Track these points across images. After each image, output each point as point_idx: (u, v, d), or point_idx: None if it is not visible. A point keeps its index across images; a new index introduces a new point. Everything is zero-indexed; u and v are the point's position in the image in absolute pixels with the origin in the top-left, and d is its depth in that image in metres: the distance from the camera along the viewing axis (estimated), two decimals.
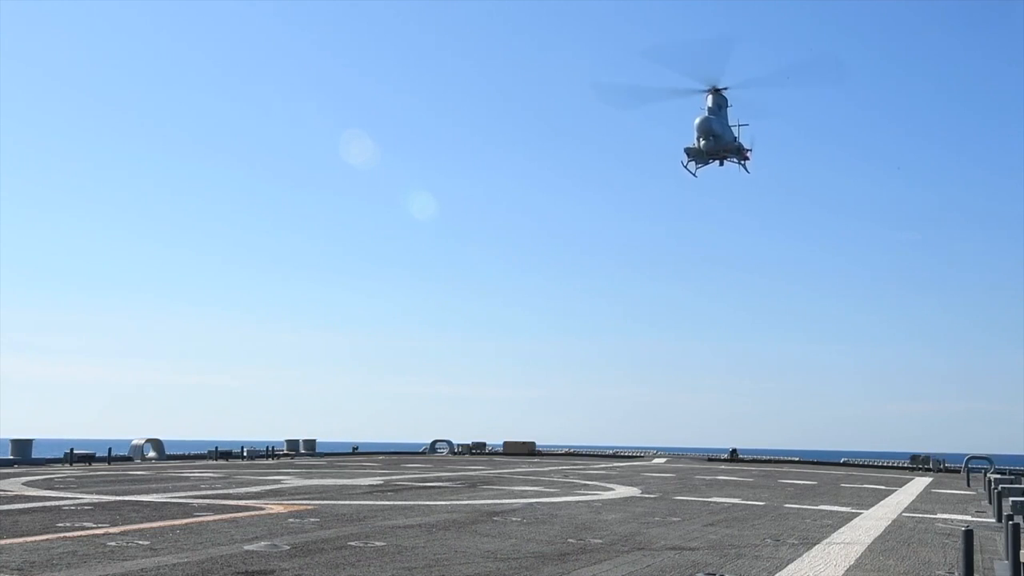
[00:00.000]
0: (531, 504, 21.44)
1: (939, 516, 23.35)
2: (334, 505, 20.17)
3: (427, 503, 21.22)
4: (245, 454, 48.20)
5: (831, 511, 23.14)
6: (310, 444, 55.61)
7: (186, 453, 48.83)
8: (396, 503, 21.12)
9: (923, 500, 28.87)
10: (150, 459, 44.00)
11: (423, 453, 62.72)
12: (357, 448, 63.14)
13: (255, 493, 22.81)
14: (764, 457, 60.24)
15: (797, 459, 61.08)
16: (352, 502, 21.04)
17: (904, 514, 23.41)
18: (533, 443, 62.14)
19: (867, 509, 24.15)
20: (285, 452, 53.19)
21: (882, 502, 26.88)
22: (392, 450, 71.45)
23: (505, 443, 62.33)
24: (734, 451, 58.88)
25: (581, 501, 22.95)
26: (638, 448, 68.66)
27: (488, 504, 21.34)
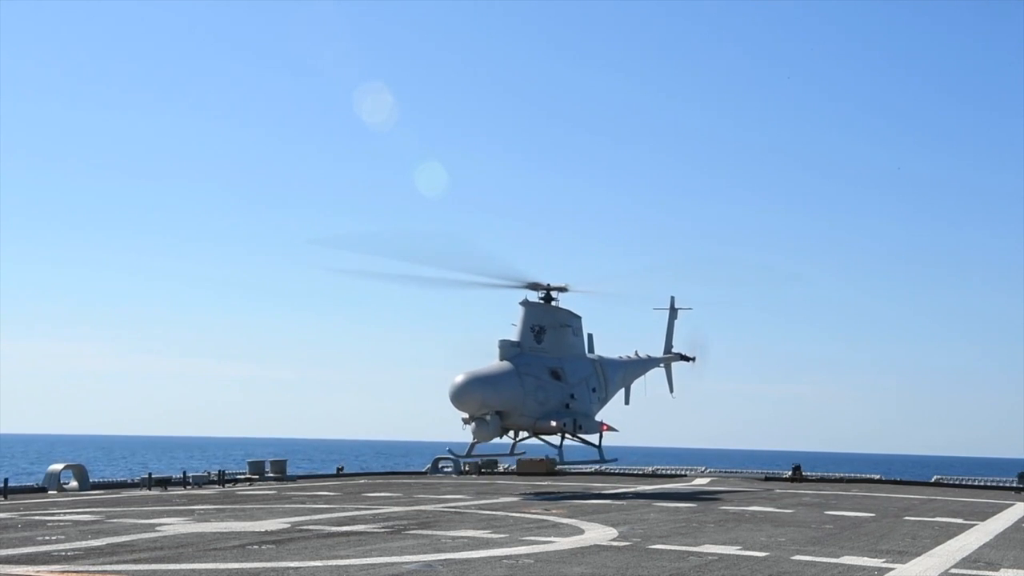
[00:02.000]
0: (431, 566, 18.48)
1: (1003, 573, 19.83)
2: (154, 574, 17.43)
3: (294, 565, 18.39)
4: (191, 480, 45.91)
5: (852, 567, 19.80)
6: (279, 465, 53.21)
7: (114, 480, 46.70)
8: (257, 566, 18.34)
9: (1000, 542, 25.29)
10: (70, 489, 41.87)
11: (425, 473, 60.14)
12: (343, 469, 60.89)
13: (71, 553, 20.21)
14: (834, 476, 56.49)
15: (878, 477, 57.26)
16: (196, 566, 18.29)
17: (953, 570, 19.94)
18: (553, 460, 58.96)
19: (906, 562, 20.76)
20: (247, 476, 50.87)
21: (938, 548, 23.43)
22: (394, 470, 69.12)
23: (519, 461, 59.22)
24: (797, 468, 55.17)
25: (513, 556, 19.96)
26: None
27: (375, 565, 18.45)
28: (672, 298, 53.78)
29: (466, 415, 41.08)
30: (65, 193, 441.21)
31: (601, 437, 44.49)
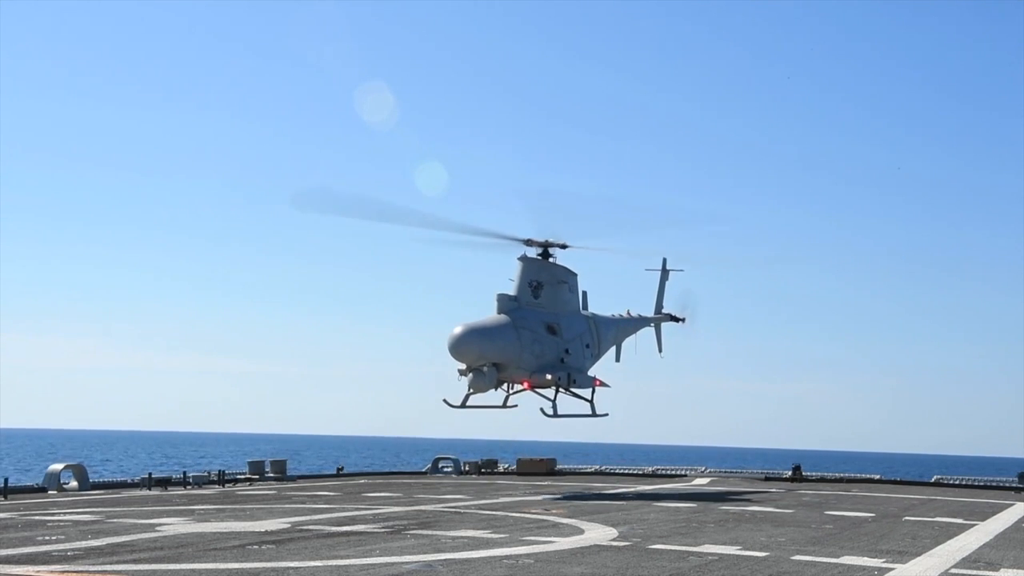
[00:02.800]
0: (431, 566, 18.47)
1: (1003, 573, 19.83)
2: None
3: (294, 565, 18.38)
4: (191, 480, 45.83)
5: (852, 567, 19.79)
6: (279, 465, 53.22)
7: (114, 479, 46.64)
8: (257, 566, 18.33)
9: (1000, 542, 25.28)
10: (70, 489, 41.81)
11: (424, 473, 60.10)
12: (343, 469, 60.88)
13: (71, 553, 20.23)
14: (834, 476, 56.42)
15: (878, 477, 57.25)
16: (196, 566, 18.28)
17: (953, 570, 19.93)
18: (553, 460, 59.11)
19: (906, 562, 20.74)
20: (247, 476, 50.82)
21: (937, 548, 23.41)
22: (394, 470, 69.11)
23: (519, 461, 59.53)
24: (797, 468, 55.10)
25: (513, 556, 19.93)
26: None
27: (375, 565, 18.44)
28: (664, 259, 53.92)
29: (463, 366, 41.51)
30: (66, 190, 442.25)
31: (594, 392, 44.88)
